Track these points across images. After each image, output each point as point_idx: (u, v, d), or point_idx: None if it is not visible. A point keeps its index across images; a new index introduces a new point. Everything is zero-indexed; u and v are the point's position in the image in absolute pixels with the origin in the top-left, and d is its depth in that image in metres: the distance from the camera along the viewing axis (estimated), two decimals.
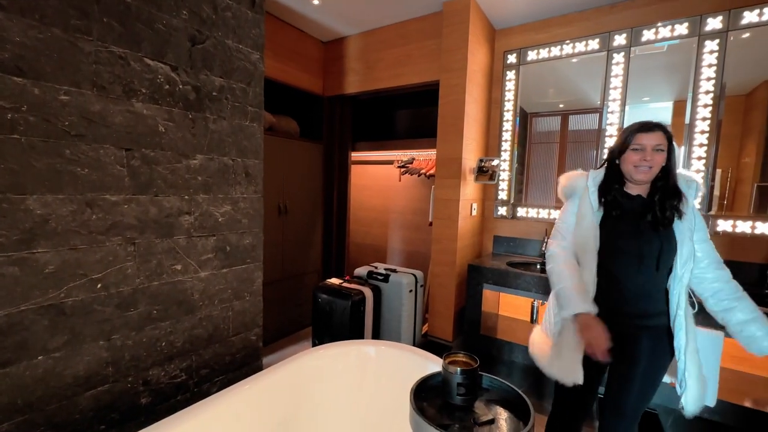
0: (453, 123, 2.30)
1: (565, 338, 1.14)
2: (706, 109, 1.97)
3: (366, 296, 2.25)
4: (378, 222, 3.57)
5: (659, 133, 1.10)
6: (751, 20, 1.85)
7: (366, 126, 3.45)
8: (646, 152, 1.09)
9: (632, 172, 1.12)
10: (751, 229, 1.89)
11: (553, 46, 2.39)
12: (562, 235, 1.21)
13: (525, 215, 2.54)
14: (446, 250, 2.37)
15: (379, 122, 3.45)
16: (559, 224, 1.23)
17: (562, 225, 1.22)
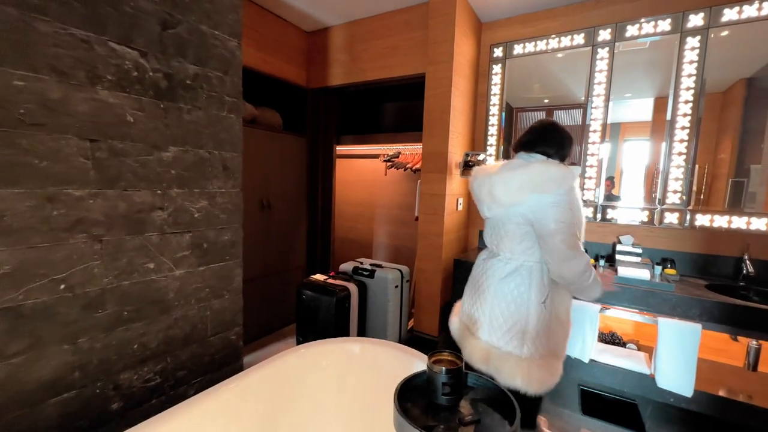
0: (439, 116, 2.27)
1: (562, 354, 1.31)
2: (687, 106, 2.00)
3: (351, 292, 2.21)
4: (364, 217, 3.53)
5: None
6: (731, 18, 1.88)
7: (351, 119, 3.39)
8: None
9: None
10: (728, 223, 1.94)
11: (539, 40, 2.38)
12: (575, 240, 1.17)
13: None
14: (432, 246, 2.36)
15: (365, 115, 3.39)
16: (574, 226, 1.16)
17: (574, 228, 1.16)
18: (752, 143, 1.91)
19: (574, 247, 1.14)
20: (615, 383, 1.85)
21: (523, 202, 1.17)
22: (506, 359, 1.20)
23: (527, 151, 1.28)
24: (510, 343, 1.21)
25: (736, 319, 1.58)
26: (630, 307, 1.79)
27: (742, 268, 1.87)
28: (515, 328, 1.21)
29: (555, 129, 1.28)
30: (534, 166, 1.18)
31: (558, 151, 1.25)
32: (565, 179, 1.14)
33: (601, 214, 2.25)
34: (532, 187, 1.15)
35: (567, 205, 1.14)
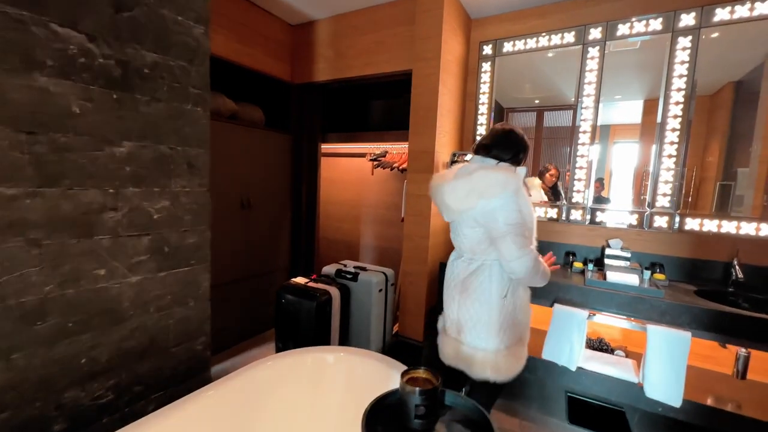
0: (425, 115, 2.20)
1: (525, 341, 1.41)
2: (678, 107, 1.96)
3: (333, 296, 2.13)
4: (350, 217, 3.44)
5: None
6: (723, 17, 1.84)
7: (337, 117, 3.30)
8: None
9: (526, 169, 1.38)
10: (717, 227, 1.90)
11: (529, 37, 2.32)
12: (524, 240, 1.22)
13: None
14: (417, 248, 2.28)
15: (351, 113, 3.30)
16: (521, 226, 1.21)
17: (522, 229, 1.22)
18: (740, 147, 1.88)
19: (524, 246, 1.20)
20: (602, 391, 1.80)
21: (473, 208, 1.23)
22: (475, 354, 1.29)
23: (483, 155, 1.34)
24: (477, 338, 1.29)
25: (726, 327, 1.53)
26: (618, 314, 1.74)
27: (732, 273, 1.83)
28: (480, 323, 1.29)
29: (511, 135, 1.34)
30: (478, 173, 1.24)
31: (513, 156, 1.32)
32: (508, 183, 1.19)
33: (590, 217, 2.20)
34: (478, 194, 1.21)
35: (514, 207, 1.19)
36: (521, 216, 1.21)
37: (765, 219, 1.81)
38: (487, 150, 1.34)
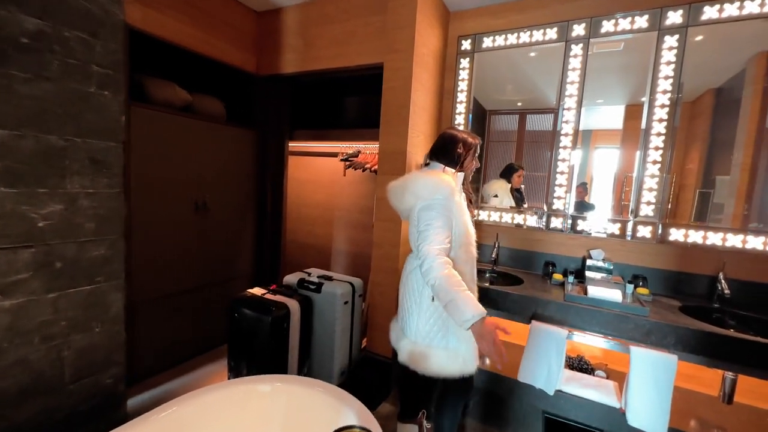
0: (397, 112, 2.02)
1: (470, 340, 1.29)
2: (663, 110, 1.84)
3: (291, 310, 1.92)
4: (322, 220, 3.23)
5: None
6: (711, 16, 1.73)
7: (308, 112, 3.08)
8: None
9: (468, 175, 1.46)
10: (703, 239, 1.79)
11: (509, 33, 2.17)
12: (444, 238, 1.22)
13: (477, 217, 2.33)
14: (388, 256, 2.10)
15: (323, 109, 3.10)
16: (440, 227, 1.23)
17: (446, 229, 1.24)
18: (720, 154, 1.80)
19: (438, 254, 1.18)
20: (582, 416, 1.65)
21: (411, 207, 1.30)
22: (401, 340, 1.38)
23: (430, 159, 1.43)
24: (408, 328, 1.36)
25: (714, 350, 1.40)
26: (600, 333, 1.60)
27: (717, 287, 1.72)
28: (412, 316, 1.34)
29: (444, 136, 1.41)
30: (414, 175, 1.33)
31: (447, 157, 1.37)
32: (438, 187, 1.25)
33: (570, 225, 2.07)
34: (411, 194, 1.29)
35: (440, 210, 1.23)
36: (446, 221, 1.24)
37: (750, 230, 1.70)
38: (430, 153, 1.43)
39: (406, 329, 1.37)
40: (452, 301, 1.12)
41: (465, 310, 1.10)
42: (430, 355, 1.30)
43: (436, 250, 1.19)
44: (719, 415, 1.64)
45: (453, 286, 1.13)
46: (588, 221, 2.03)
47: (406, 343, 1.36)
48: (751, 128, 1.75)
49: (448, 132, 1.42)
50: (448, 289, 1.13)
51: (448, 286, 1.13)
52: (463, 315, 1.10)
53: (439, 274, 1.15)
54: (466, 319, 1.10)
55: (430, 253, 1.18)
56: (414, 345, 1.34)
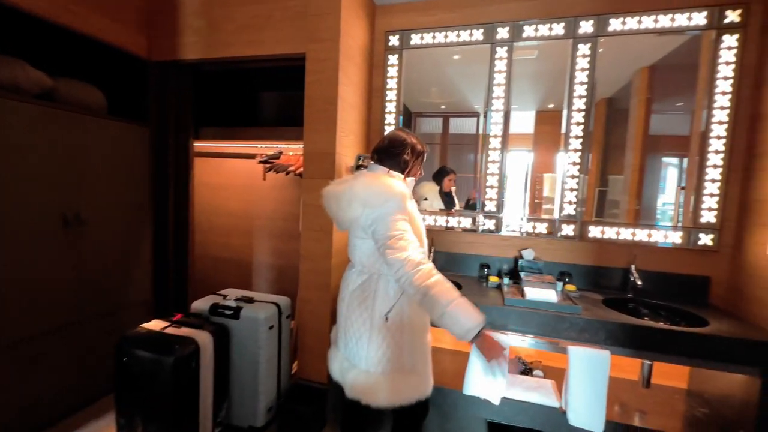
0: (324, 108, 1.81)
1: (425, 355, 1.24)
2: (580, 114, 1.94)
3: (201, 346, 1.57)
4: (240, 230, 2.85)
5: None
6: (616, 27, 1.86)
7: (217, 107, 2.68)
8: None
9: (413, 180, 1.35)
10: (617, 234, 1.92)
11: (438, 31, 2.11)
12: (415, 243, 1.12)
13: None
14: (318, 270, 1.87)
15: (236, 104, 2.72)
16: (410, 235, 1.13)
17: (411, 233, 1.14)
18: (614, 156, 1.97)
19: (418, 260, 1.08)
20: (525, 420, 1.63)
21: (358, 217, 1.17)
22: (351, 371, 1.21)
23: (374, 160, 1.30)
24: (356, 356, 1.21)
25: (639, 342, 1.48)
26: (539, 334, 1.59)
27: (630, 279, 1.86)
28: (362, 341, 1.19)
29: (395, 138, 1.29)
30: (360, 180, 1.17)
31: (396, 160, 1.26)
32: (390, 193, 1.13)
33: (501, 226, 2.08)
34: (359, 202, 1.15)
35: (402, 215, 1.13)
36: (405, 225, 1.13)
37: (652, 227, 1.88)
38: (375, 155, 1.30)
39: (354, 357, 1.21)
40: (451, 308, 1.01)
41: (468, 318, 1.01)
42: (387, 382, 1.16)
43: (416, 254, 1.09)
44: (639, 398, 1.76)
45: (449, 292, 1.03)
46: (518, 221, 2.07)
47: (357, 373, 1.19)
48: (638, 133, 1.93)
49: (397, 134, 1.30)
50: (449, 291, 1.03)
51: (444, 291, 1.03)
52: (468, 323, 1.01)
53: (434, 279, 1.04)
54: (469, 329, 1.01)
55: (411, 260, 1.06)
56: (367, 375, 1.17)
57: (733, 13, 1.72)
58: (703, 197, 1.81)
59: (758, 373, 1.37)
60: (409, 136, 1.30)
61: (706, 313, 1.64)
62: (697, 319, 1.59)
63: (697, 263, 1.85)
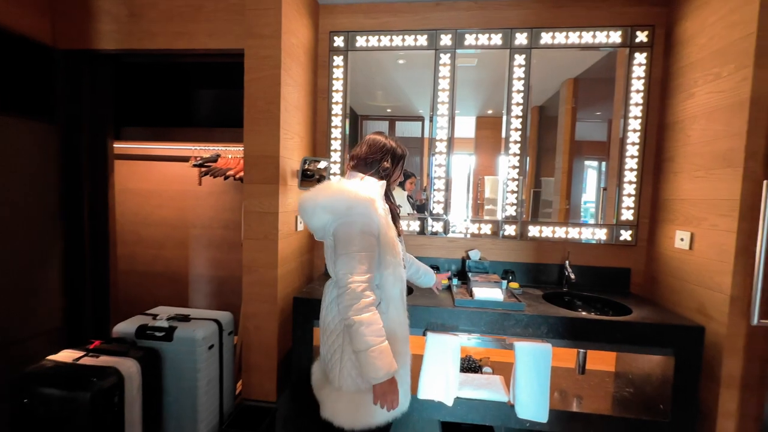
0: (266, 108, 1.70)
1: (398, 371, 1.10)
2: (518, 120, 2.05)
3: (126, 376, 1.37)
4: (173, 241, 2.59)
5: None
6: (547, 41, 2.00)
7: (143, 105, 2.42)
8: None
9: (392, 185, 1.29)
10: (552, 233, 2.06)
11: (382, 34, 2.10)
12: (368, 266, 1.04)
13: None
14: (263, 281, 1.75)
15: (165, 102, 2.48)
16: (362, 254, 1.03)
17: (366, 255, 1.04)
18: (546, 160, 2.12)
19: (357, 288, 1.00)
20: (477, 418, 1.67)
21: (325, 225, 1.11)
22: (323, 388, 1.18)
23: (351, 168, 1.23)
24: (332, 372, 1.15)
25: (576, 333, 1.58)
26: (488, 333, 1.64)
27: (565, 273, 2.00)
28: (335, 356, 1.14)
29: (375, 150, 1.20)
30: (326, 185, 1.11)
31: (374, 167, 1.20)
32: (356, 200, 1.05)
33: (449, 228, 2.13)
34: (323, 209, 1.08)
35: (361, 229, 1.04)
36: (369, 243, 1.05)
37: (582, 225, 2.05)
38: (352, 161, 1.23)
39: (330, 372, 1.16)
40: (367, 352, 0.98)
41: (379, 367, 0.98)
42: (360, 403, 1.09)
43: (360, 282, 1.01)
44: (576, 384, 1.90)
45: (372, 335, 0.98)
46: (463, 223, 2.13)
47: (330, 391, 1.14)
48: (565, 139, 2.10)
49: (376, 139, 1.21)
50: (367, 337, 0.98)
51: (368, 333, 0.98)
52: (376, 373, 0.98)
53: (361, 316, 0.99)
54: (376, 378, 0.99)
55: (352, 287, 1.00)
56: (339, 393, 1.11)
57: (642, 33, 1.94)
58: (623, 197, 2.01)
59: (672, 353, 1.54)
60: (388, 140, 1.22)
61: (628, 301, 1.81)
62: (622, 308, 1.75)
63: (620, 257, 2.05)
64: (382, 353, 0.99)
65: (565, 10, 1.98)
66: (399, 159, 1.24)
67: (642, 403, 1.72)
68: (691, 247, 1.68)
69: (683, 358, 1.52)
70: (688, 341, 1.52)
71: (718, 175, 1.54)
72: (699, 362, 1.52)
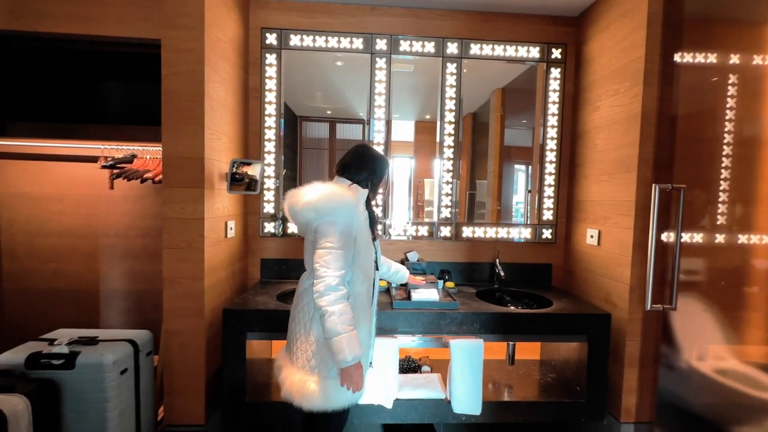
0: (188, 106, 1.56)
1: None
2: (451, 126, 2.14)
3: (10, 416, 1.16)
4: (79, 253, 2.28)
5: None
6: (476, 52, 2.12)
7: (39, 97, 2.09)
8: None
9: (375, 195, 1.36)
10: (484, 233, 2.18)
11: (318, 35, 2.06)
12: (343, 263, 1.14)
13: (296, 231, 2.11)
14: (187, 294, 1.60)
15: (67, 94, 2.16)
16: (339, 252, 1.13)
17: (343, 253, 1.14)
18: (480, 163, 2.25)
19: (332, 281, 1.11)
20: (416, 417, 1.69)
21: (309, 222, 1.19)
22: (285, 369, 1.24)
23: (338, 174, 1.31)
24: (295, 354, 1.23)
25: (505, 327, 1.69)
26: (426, 333, 1.68)
27: (496, 271, 2.12)
28: (299, 341, 1.22)
29: (364, 163, 1.30)
30: (315, 185, 1.19)
31: (359, 182, 1.28)
32: (341, 202, 1.15)
33: (382, 231, 2.15)
34: (308, 207, 1.17)
35: (342, 229, 1.14)
36: (347, 242, 1.15)
37: (501, 224, 2.19)
38: (339, 168, 1.30)
39: (292, 357, 1.24)
40: (337, 338, 1.09)
41: (347, 352, 1.09)
42: (316, 384, 1.17)
43: (334, 276, 1.12)
44: (506, 375, 2.02)
45: (343, 324, 1.09)
46: (403, 225, 2.16)
47: (288, 372, 1.21)
48: (496, 144, 2.25)
49: (366, 151, 1.32)
50: (338, 325, 1.09)
51: (339, 322, 1.09)
52: (345, 356, 1.09)
53: (334, 307, 1.10)
54: (345, 361, 1.09)
55: (327, 280, 1.11)
56: (299, 375, 1.19)
57: (556, 50, 2.14)
58: (544, 199, 2.19)
59: (586, 339, 1.71)
60: (376, 154, 1.33)
61: (550, 294, 1.98)
62: (545, 300, 1.91)
63: (543, 253, 2.23)
64: (351, 340, 1.09)
65: (491, 23, 2.11)
66: (383, 170, 1.33)
67: (563, 386, 1.89)
68: (599, 243, 1.88)
69: (595, 343, 1.70)
70: (597, 328, 1.69)
71: (618, 179, 1.75)
72: (607, 346, 1.70)
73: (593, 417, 1.72)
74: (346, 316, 1.11)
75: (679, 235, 1.31)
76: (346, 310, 1.11)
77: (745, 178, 1.14)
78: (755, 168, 1.11)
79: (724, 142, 1.18)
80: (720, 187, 1.20)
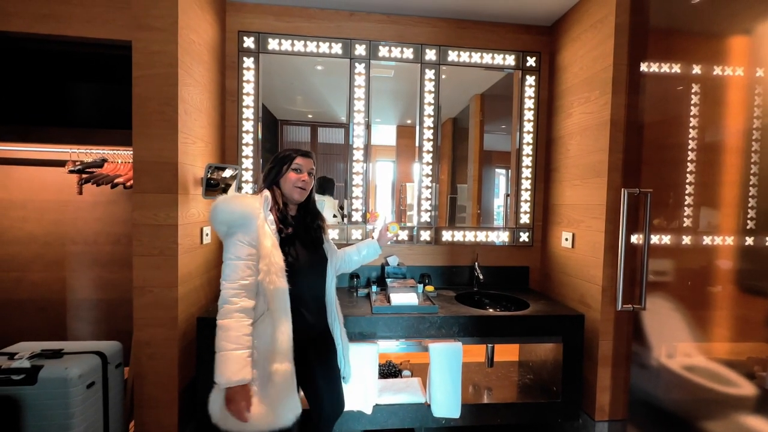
0: (160, 110, 1.52)
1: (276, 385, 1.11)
2: (430, 131, 2.16)
3: None
4: (44, 261, 2.18)
5: (311, 159, 1.28)
6: (453, 59, 2.15)
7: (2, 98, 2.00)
8: (303, 174, 1.24)
9: (292, 192, 1.24)
10: (463, 237, 2.21)
11: (296, 39, 2.05)
12: (242, 276, 1.09)
13: None
14: (159, 303, 1.55)
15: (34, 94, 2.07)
16: (235, 263, 1.10)
17: (241, 263, 1.10)
18: (460, 167, 2.29)
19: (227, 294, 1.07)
20: (397, 422, 1.69)
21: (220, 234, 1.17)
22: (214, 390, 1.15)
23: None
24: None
25: (484, 330, 1.70)
26: (406, 337, 1.68)
27: (475, 274, 2.15)
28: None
29: (270, 159, 1.28)
30: (222, 199, 1.14)
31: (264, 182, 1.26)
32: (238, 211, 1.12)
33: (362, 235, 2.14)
34: (213, 221, 1.14)
35: (239, 239, 1.10)
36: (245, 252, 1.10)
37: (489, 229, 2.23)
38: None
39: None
40: (217, 354, 1.05)
41: (221, 373, 1.03)
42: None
43: (228, 288, 1.08)
44: (486, 377, 2.04)
45: (225, 340, 1.04)
46: None
47: (216, 393, 1.12)
48: (476, 149, 2.29)
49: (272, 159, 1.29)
50: (221, 341, 1.05)
51: (223, 338, 1.05)
52: (219, 377, 1.04)
53: (222, 320, 1.06)
54: (219, 381, 1.04)
55: (222, 292, 1.09)
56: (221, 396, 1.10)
57: (531, 58, 2.19)
58: (521, 203, 2.24)
59: (561, 340, 1.74)
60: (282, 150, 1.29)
61: (527, 296, 2.01)
62: (522, 303, 1.94)
63: (520, 256, 2.27)
64: (229, 360, 1.03)
65: (468, 31, 2.15)
66: (279, 161, 1.25)
67: (540, 387, 1.92)
68: (573, 246, 1.93)
69: (569, 344, 1.74)
70: (572, 328, 1.73)
71: (590, 183, 1.81)
72: (581, 346, 1.75)
73: (569, 416, 1.75)
74: (231, 333, 1.04)
75: (648, 237, 1.36)
76: (233, 326, 1.05)
77: (709, 183, 1.20)
78: (718, 172, 1.17)
79: (689, 148, 1.24)
80: (685, 191, 1.25)
